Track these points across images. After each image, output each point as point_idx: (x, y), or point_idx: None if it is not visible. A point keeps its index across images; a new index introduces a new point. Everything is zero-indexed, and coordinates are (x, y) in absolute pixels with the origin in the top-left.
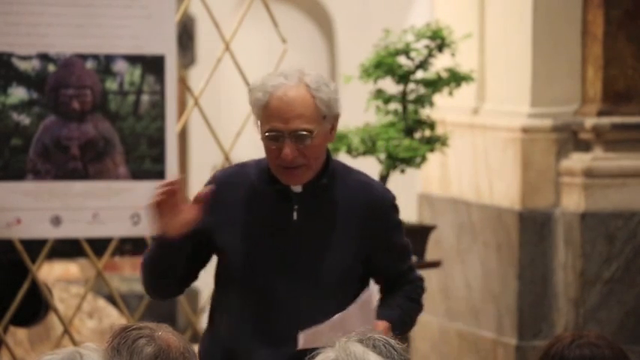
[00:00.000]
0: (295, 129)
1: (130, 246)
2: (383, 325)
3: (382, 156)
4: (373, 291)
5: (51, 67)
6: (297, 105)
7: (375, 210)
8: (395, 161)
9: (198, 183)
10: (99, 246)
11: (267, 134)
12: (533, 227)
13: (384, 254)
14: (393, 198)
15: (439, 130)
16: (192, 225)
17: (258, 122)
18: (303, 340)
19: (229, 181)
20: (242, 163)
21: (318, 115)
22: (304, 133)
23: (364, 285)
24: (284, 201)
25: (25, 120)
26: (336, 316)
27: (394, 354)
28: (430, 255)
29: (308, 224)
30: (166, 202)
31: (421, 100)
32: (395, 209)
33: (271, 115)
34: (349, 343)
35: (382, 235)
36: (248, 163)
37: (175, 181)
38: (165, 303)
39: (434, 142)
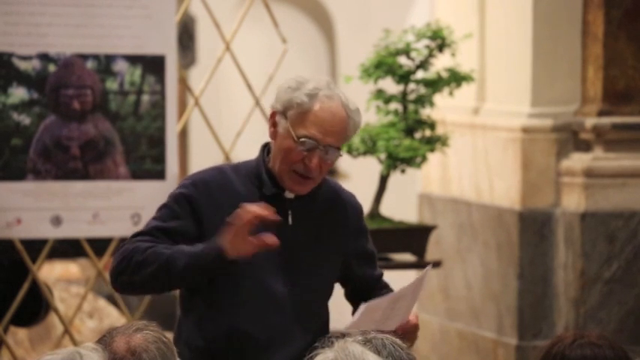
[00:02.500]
0: (330, 144)
1: None
2: (416, 315)
3: (382, 156)
4: (428, 272)
5: (51, 67)
6: (339, 121)
7: (351, 218)
8: (395, 161)
9: None
10: (99, 246)
11: (303, 140)
12: (533, 227)
13: (357, 262)
14: (361, 204)
15: (439, 130)
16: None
17: (286, 122)
18: (364, 310)
19: (214, 184)
20: (216, 167)
21: (347, 135)
22: (336, 150)
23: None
24: (278, 206)
25: (25, 120)
26: (395, 292)
27: (402, 354)
28: (430, 255)
29: (302, 228)
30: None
31: (421, 100)
32: (363, 215)
33: (313, 123)
34: (348, 343)
35: (356, 241)
36: (224, 167)
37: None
38: (165, 303)
39: (434, 142)
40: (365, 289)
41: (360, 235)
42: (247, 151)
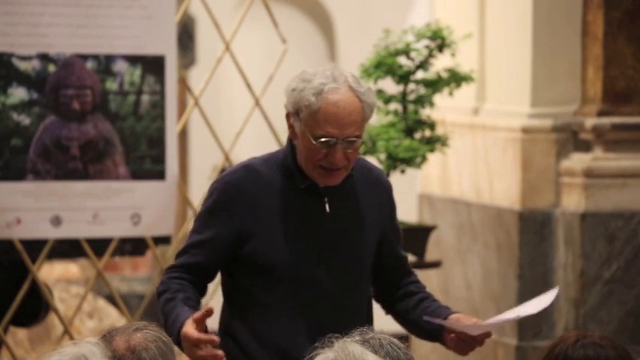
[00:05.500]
0: (349, 135)
1: (130, 246)
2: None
3: (382, 156)
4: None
5: (51, 67)
6: (352, 112)
7: (384, 193)
8: (395, 161)
9: (198, 183)
10: (99, 246)
11: (321, 140)
12: (533, 227)
13: (390, 239)
14: (389, 181)
15: (439, 131)
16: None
17: (300, 124)
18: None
19: (246, 183)
20: (245, 164)
21: (364, 119)
22: (356, 139)
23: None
24: (314, 195)
25: (25, 120)
26: (520, 312)
27: (400, 353)
28: (430, 255)
29: (340, 214)
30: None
31: (421, 101)
32: (393, 192)
33: (326, 121)
34: (348, 343)
35: (390, 218)
36: (252, 163)
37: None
38: None
39: (434, 142)
40: (391, 267)
41: (392, 211)
42: (247, 151)
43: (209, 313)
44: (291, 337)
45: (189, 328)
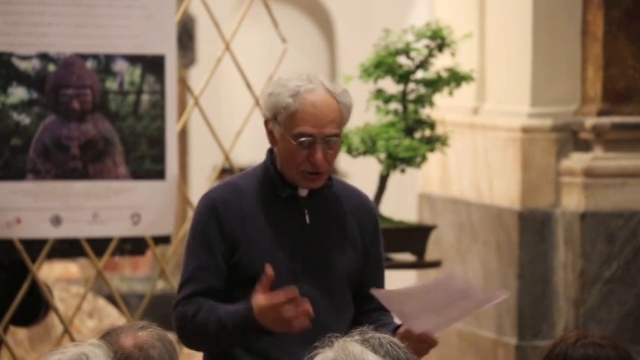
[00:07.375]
0: (327, 134)
1: (130, 246)
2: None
3: (382, 156)
4: (456, 276)
5: (51, 67)
6: (329, 111)
7: (367, 216)
8: (395, 161)
9: (198, 183)
10: (99, 246)
11: (300, 140)
12: (533, 227)
13: (369, 263)
14: (376, 208)
15: (439, 130)
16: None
17: (279, 127)
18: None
19: (227, 197)
20: (227, 181)
21: (342, 119)
22: (335, 138)
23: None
24: (294, 206)
25: (25, 120)
26: (414, 287)
27: (399, 352)
28: (430, 255)
29: (320, 226)
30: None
31: (421, 100)
32: (378, 221)
33: (304, 120)
34: (347, 342)
35: (371, 242)
36: (234, 179)
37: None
38: (165, 303)
39: (434, 141)
40: (364, 295)
41: (375, 238)
42: (247, 151)
43: (270, 276)
44: (281, 346)
45: (261, 299)
